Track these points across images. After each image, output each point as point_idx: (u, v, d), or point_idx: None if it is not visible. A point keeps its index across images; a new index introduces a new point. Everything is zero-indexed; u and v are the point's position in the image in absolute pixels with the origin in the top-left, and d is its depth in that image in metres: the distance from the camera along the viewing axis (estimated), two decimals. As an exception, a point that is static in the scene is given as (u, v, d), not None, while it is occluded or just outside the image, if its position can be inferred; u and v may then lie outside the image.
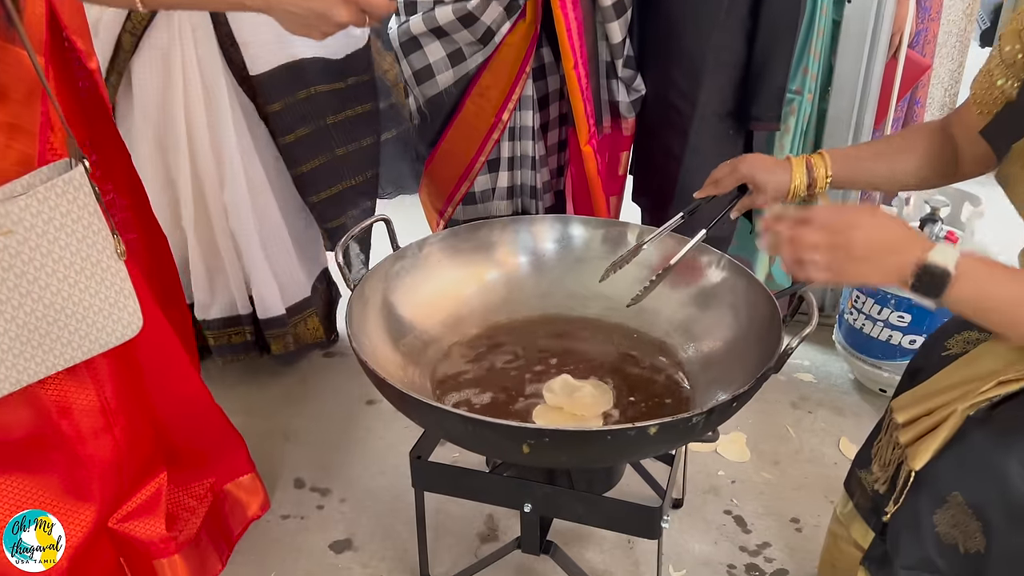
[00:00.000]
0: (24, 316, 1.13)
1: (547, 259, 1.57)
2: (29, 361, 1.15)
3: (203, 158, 1.77)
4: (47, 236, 1.13)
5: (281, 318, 1.97)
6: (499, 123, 1.88)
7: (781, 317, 1.28)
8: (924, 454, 1.07)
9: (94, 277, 1.19)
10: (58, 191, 1.13)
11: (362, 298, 1.36)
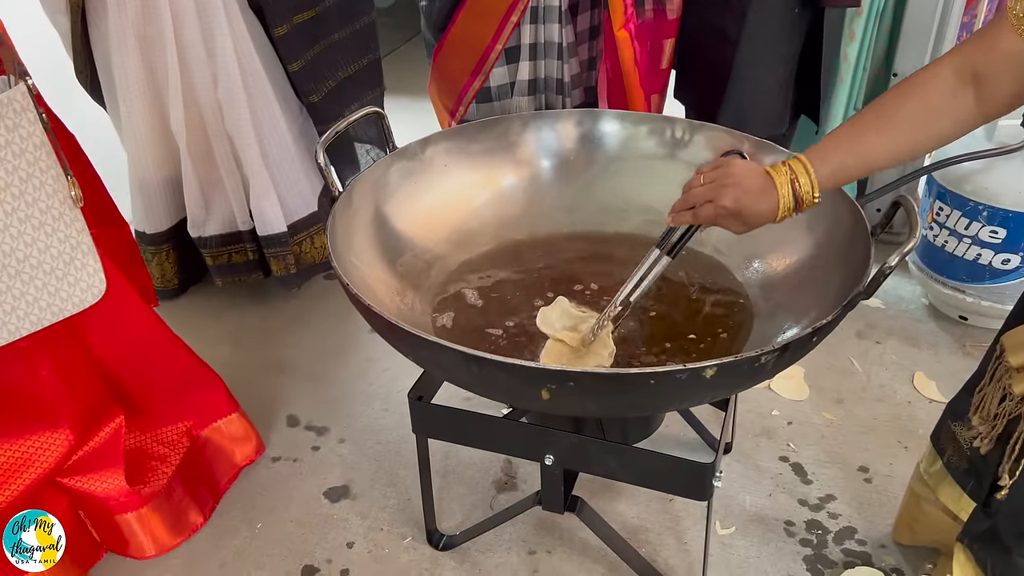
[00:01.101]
0: None
1: (574, 163, 1.31)
2: None
3: (193, 50, 1.56)
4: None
5: (282, 235, 1.74)
6: (519, 1, 1.58)
7: (869, 230, 1.02)
8: None
9: (43, 227, 0.98)
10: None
11: (349, 208, 1.12)
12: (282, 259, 1.77)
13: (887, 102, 0.91)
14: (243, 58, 1.59)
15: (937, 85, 0.89)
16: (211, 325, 1.82)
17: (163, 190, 1.75)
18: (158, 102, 1.62)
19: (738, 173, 0.94)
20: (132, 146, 1.67)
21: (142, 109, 1.61)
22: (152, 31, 1.54)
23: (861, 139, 0.91)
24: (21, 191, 0.96)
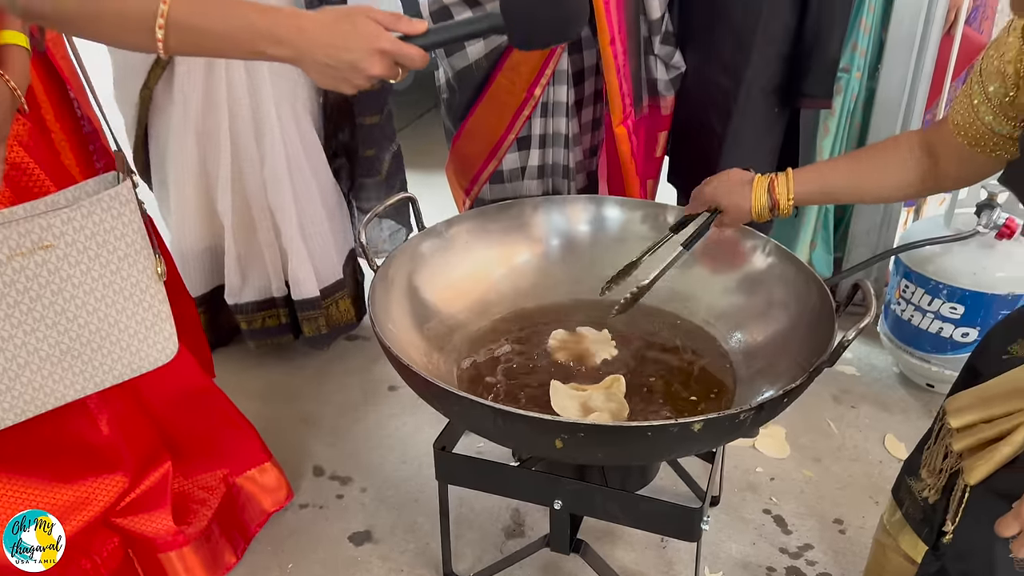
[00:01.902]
0: (57, 336, 1.08)
1: (580, 242, 1.49)
2: (58, 383, 1.11)
3: (244, 137, 1.76)
4: (88, 252, 1.08)
5: (316, 299, 1.92)
6: (531, 98, 1.79)
7: (834, 307, 1.19)
8: (983, 468, 0.97)
9: (132, 298, 1.14)
10: (104, 206, 1.08)
11: (386, 280, 1.29)
12: (314, 321, 1.94)
13: (858, 152, 1.14)
14: (288, 143, 1.79)
15: (899, 151, 1.12)
16: (240, 383, 1.97)
17: (201, 259, 1.93)
18: (206, 184, 1.82)
19: (731, 173, 1.23)
20: (178, 221, 1.86)
21: (193, 191, 1.81)
22: (210, 124, 1.75)
23: (831, 172, 1.15)
24: (119, 267, 1.12)
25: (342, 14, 0.92)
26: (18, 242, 1.02)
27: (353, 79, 0.92)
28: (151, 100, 1.75)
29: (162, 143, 1.81)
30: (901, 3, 1.84)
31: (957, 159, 1.07)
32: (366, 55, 0.90)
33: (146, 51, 0.91)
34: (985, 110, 1.00)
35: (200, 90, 1.72)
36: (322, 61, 0.90)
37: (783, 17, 1.68)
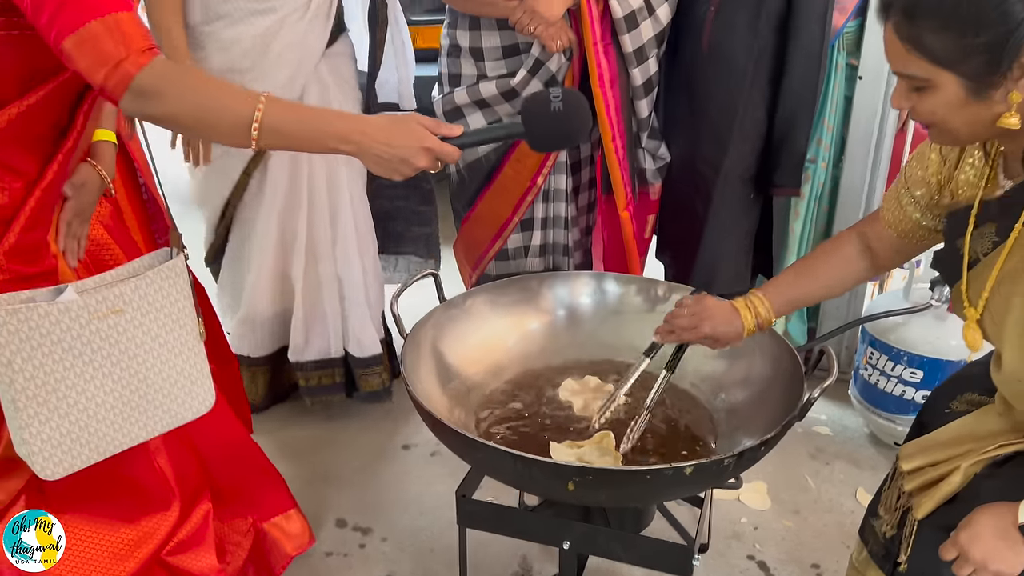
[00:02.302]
0: (121, 388, 1.24)
1: (583, 312, 1.69)
2: (117, 432, 1.25)
3: (319, 215, 2.00)
4: (149, 315, 1.26)
5: (378, 356, 2.13)
6: (534, 186, 2.01)
7: (803, 370, 1.39)
8: (928, 504, 1.16)
9: (181, 355, 1.31)
10: (163, 276, 1.27)
11: (415, 345, 1.48)
12: (377, 376, 2.15)
13: (809, 260, 1.38)
14: (358, 224, 2.03)
15: (842, 252, 1.35)
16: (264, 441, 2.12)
17: (272, 323, 2.12)
18: (283, 257, 2.03)
19: (711, 307, 1.35)
20: (253, 290, 2.06)
21: (271, 263, 2.03)
22: (292, 205, 1.99)
23: (795, 285, 1.36)
24: (171, 328, 1.30)
25: (396, 119, 1.15)
26: (96, 307, 1.19)
27: (402, 169, 1.14)
28: (247, 184, 1.98)
29: (248, 221, 2.03)
30: (859, 105, 2.10)
31: (891, 249, 1.30)
32: (414, 152, 1.12)
33: (240, 147, 1.13)
34: (913, 209, 1.23)
35: (287, 175, 1.95)
36: (379, 155, 1.12)
37: (755, 117, 1.94)
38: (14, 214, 1.18)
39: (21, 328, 1.12)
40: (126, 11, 1.05)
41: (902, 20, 0.98)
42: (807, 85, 1.90)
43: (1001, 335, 1.06)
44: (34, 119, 1.16)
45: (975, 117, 0.99)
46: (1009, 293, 1.04)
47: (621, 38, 1.85)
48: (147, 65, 1.04)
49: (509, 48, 1.90)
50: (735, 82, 1.90)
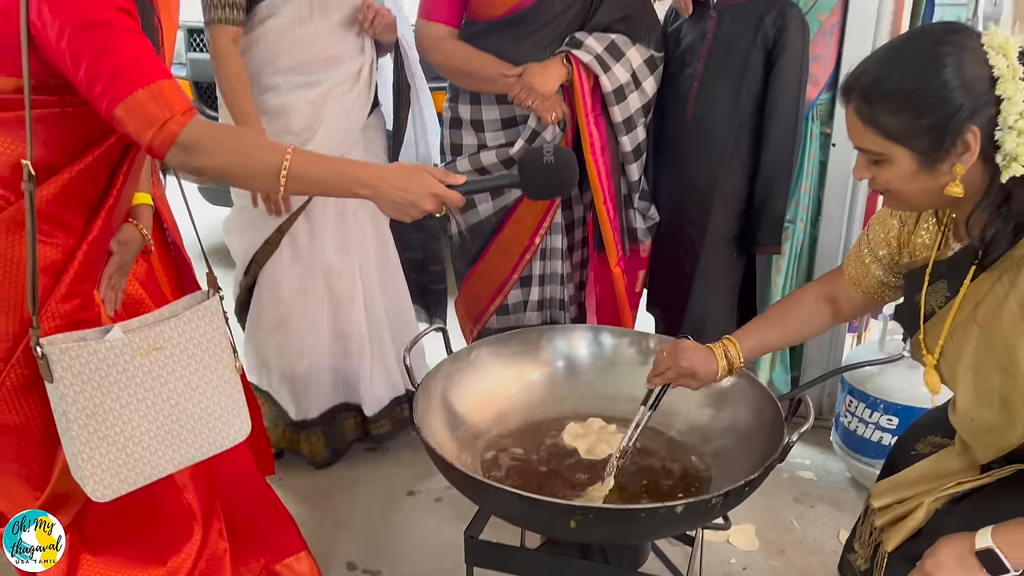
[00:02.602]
0: (163, 419, 1.36)
1: (580, 363, 1.81)
2: (160, 458, 1.37)
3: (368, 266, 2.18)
4: (187, 352, 1.39)
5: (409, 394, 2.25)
6: (532, 245, 2.15)
7: (783, 416, 1.51)
8: (896, 537, 1.28)
9: (218, 388, 1.44)
10: (199, 315, 1.40)
11: (426, 395, 1.60)
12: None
13: (775, 310, 1.53)
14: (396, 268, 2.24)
15: (805, 304, 1.50)
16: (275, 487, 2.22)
17: (322, 380, 2.20)
18: (335, 312, 2.15)
19: (688, 347, 1.49)
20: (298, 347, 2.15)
21: (326, 319, 2.15)
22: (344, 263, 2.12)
23: (763, 330, 1.51)
24: (208, 364, 1.42)
25: (409, 169, 1.33)
26: (139, 345, 1.32)
27: (412, 212, 1.32)
28: (279, 242, 2.09)
29: (283, 282, 2.14)
30: (833, 169, 2.27)
31: (852, 303, 1.45)
32: (423, 196, 1.30)
33: (270, 192, 1.28)
34: (876, 268, 1.37)
35: (334, 232, 2.08)
36: (393, 199, 1.30)
37: (736, 184, 2.09)
38: (65, 266, 1.31)
39: (73, 364, 1.25)
40: (167, 79, 1.20)
41: (861, 103, 1.14)
42: (784, 154, 2.06)
43: (955, 378, 1.19)
44: (83, 182, 1.30)
45: (925, 186, 1.14)
46: (960, 341, 1.18)
47: (611, 109, 2.02)
48: (188, 124, 1.19)
49: (508, 120, 2.07)
50: (717, 152, 2.06)
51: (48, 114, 1.24)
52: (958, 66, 1.06)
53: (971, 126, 1.06)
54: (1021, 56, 1.06)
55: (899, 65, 1.10)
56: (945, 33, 1.09)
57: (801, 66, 1.99)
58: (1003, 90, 1.04)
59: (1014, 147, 1.05)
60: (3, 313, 1.26)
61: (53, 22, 1.16)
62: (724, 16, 2.03)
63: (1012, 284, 1.09)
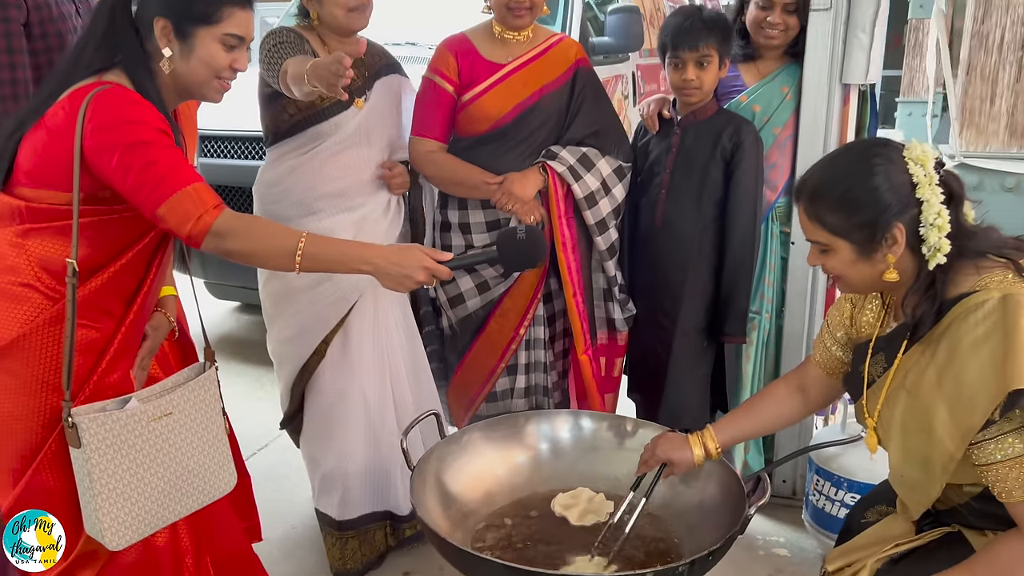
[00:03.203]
0: (169, 474, 1.54)
1: (563, 445, 1.97)
2: (166, 509, 1.54)
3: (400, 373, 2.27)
4: (191, 416, 1.58)
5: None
6: (517, 336, 2.33)
7: (745, 493, 1.67)
8: None
9: (213, 445, 1.63)
10: (200, 384, 1.61)
11: (421, 476, 1.75)
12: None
13: (751, 401, 1.72)
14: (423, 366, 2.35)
15: (777, 395, 1.68)
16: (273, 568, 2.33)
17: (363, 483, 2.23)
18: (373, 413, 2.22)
19: (669, 438, 1.69)
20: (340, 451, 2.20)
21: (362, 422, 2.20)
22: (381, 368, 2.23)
23: (738, 421, 1.69)
24: (206, 426, 1.61)
25: (403, 247, 1.62)
26: (152, 412, 1.51)
27: (407, 283, 1.57)
28: (325, 352, 2.18)
29: (331, 390, 2.21)
30: (793, 265, 2.47)
31: (819, 386, 1.63)
32: (416, 269, 1.56)
33: (287, 270, 1.49)
34: (836, 349, 1.56)
35: (370, 341, 2.19)
36: (390, 272, 1.55)
37: (703, 278, 2.30)
38: (106, 347, 1.52)
39: (99, 431, 1.43)
40: (199, 181, 1.45)
41: (808, 204, 1.36)
42: (745, 253, 2.27)
43: (888, 439, 1.37)
44: (124, 275, 1.53)
45: (865, 272, 1.35)
46: (892, 406, 1.36)
47: (583, 213, 2.24)
48: (220, 215, 1.44)
49: (492, 223, 2.28)
50: (685, 250, 2.28)
51: (97, 220, 1.47)
52: (886, 174, 1.29)
53: (897, 223, 1.28)
54: (937, 165, 1.29)
55: (838, 172, 1.35)
56: (875, 146, 1.35)
57: (756, 175, 2.22)
58: (922, 194, 1.27)
59: (936, 240, 1.27)
60: (54, 389, 1.46)
61: (105, 144, 1.40)
62: (687, 132, 2.28)
63: (932, 356, 1.28)
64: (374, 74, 2.20)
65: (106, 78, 1.45)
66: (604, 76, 4.12)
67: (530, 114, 2.22)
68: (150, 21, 1.46)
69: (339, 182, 2.13)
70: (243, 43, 1.52)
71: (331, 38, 2.12)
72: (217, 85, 1.52)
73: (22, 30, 1.93)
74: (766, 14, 2.29)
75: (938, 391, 1.26)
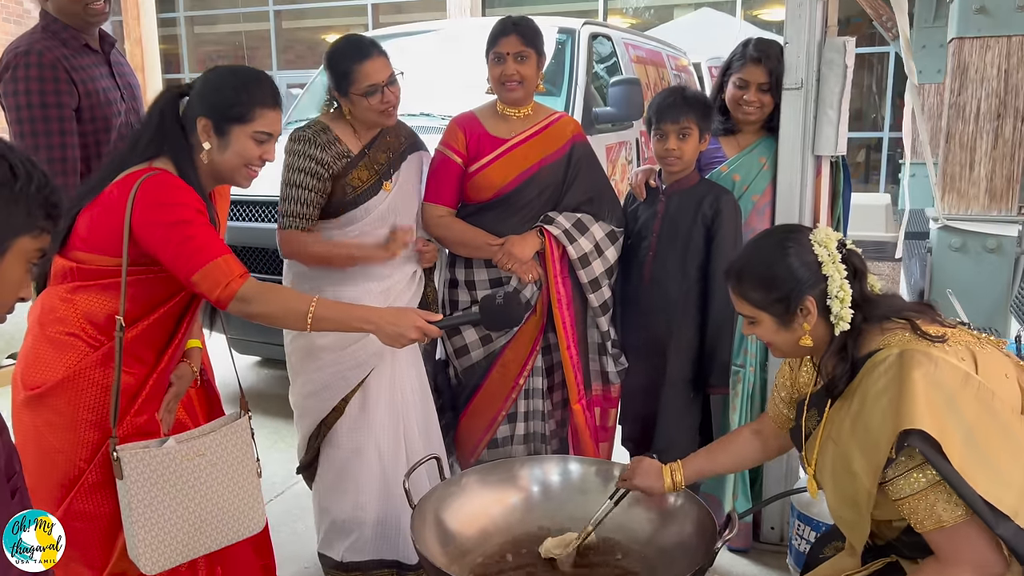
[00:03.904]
0: (200, 510, 1.74)
1: (553, 488, 2.13)
2: (196, 541, 1.73)
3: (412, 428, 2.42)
4: (222, 459, 1.78)
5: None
6: (517, 386, 2.51)
7: (716, 531, 1.82)
8: None
9: (243, 488, 1.82)
10: (233, 431, 1.80)
11: (422, 515, 1.92)
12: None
13: (716, 443, 1.92)
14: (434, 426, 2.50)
15: (739, 439, 1.88)
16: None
17: (375, 531, 2.40)
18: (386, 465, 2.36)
19: (645, 464, 1.89)
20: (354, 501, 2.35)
21: (376, 473, 2.35)
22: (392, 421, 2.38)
23: (705, 456, 1.89)
24: (237, 468, 1.80)
25: (399, 310, 1.89)
26: (187, 452, 1.72)
27: (401, 340, 1.82)
28: (343, 410, 2.34)
29: (348, 445, 2.36)
30: (774, 321, 2.65)
31: (773, 437, 1.82)
32: (409, 328, 1.80)
33: (300, 330, 1.75)
34: (783, 406, 1.74)
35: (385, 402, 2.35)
36: (387, 331, 1.80)
37: (688, 334, 2.47)
38: (139, 391, 1.73)
39: (139, 465, 1.64)
40: (228, 253, 1.69)
41: (736, 283, 1.57)
42: (726, 310, 2.44)
43: (823, 482, 1.55)
44: (157, 328, 1.76)
45: (787, 339, 1.55)
46: (823, 455, 1.54)
47: (577, 273, 2.44)
48: (244, 284, 1.68)
49: (495, 280, 2.48)
50: (671, 307, 2.46)
51: (136, 280, 1.70)
52: (797, 254, 1.50)
53: (808, 296, 1.48)
54: (839, 246, 1.49)
55: (757, 255, 1.57)
56: (788, 232, 1.59)
57: (735, 240, 2.41)
58: (827, 270, 1.47)
59: (839, 310, 1.47)
60: (93, 426, 1.67)
61: (151, 220, 1.64)
62: (672, 200, 2.49)
63: (849, 408, 1.46)
64: (399, 155, 2.40)
65: (155, 164, 1.71)
66: (609, 142, 4.39)
67: (530, 184, 2.45)
68: (194, 120, 1.73)
69: None
70: (271, 138, 1.77)
71: (361, 128, 2.33)
72: (246, 173, 1.78)
73: (74, 115, 2.20)
74: (742, 93, 2.52)
75: (852, 436, 1.44)
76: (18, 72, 2.17)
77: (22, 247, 1.16)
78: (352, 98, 2.25)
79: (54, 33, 2.29)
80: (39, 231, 1.17)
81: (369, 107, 2.24)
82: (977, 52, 3.36)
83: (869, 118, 11.25)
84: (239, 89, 1.74)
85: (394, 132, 2.41)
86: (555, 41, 4.34)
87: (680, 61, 6.28)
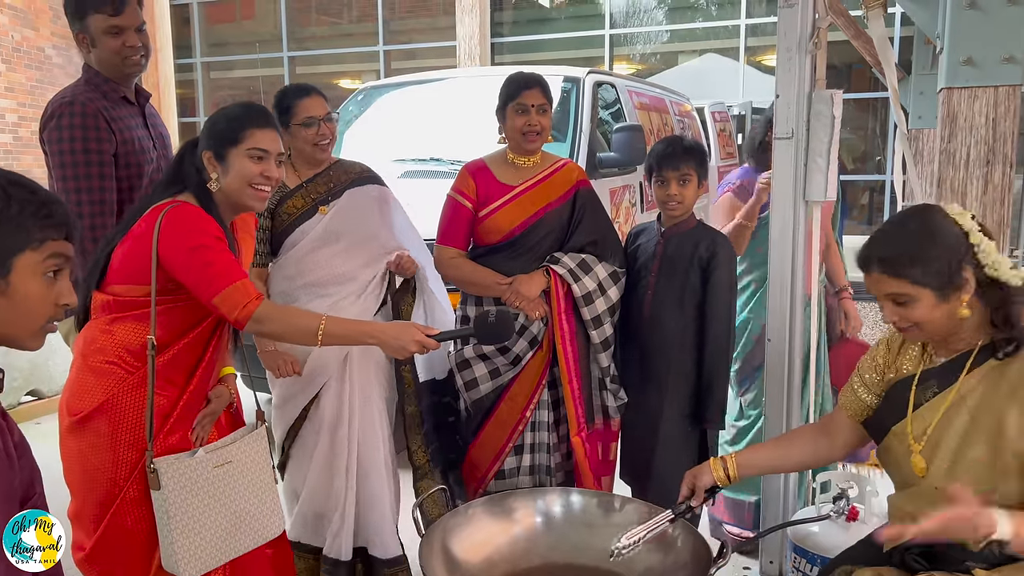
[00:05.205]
0: (230, 514, 1.86)
1: (556, 520, 2.22)
2: (227, 545, 1.85)
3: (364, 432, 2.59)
4: (244, 465, 1.92)
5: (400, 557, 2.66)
6: (524, 419, 2.61)
7: (711, 558, 1.90)
8: None
9: (264, 492, 1.96)
10: (253, 439, 1.96)
11: (429, 544, 2.00)
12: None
13: (778, 438, 2.04)
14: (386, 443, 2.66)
15: (807, 435, 1.97)
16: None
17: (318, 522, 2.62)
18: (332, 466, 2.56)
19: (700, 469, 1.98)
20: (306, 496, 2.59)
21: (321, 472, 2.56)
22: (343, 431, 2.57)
23: (761, 453, 1.99)
24: (258, 474, 1.93)
25: (402, 324, 2.07)
26: (215, 461, 1.86)
27: (403, 352, 1.98)
28: (306, 415, 2.58)
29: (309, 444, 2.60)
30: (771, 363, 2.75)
31: (846, 432, 1.88)
32: (410, 342, 1.96)
33: (311, 346, 1.91)
34: (864, 392, 1.84)
35: (334, 409, 2.54)
36: (390, 344, 1.96)
37: (685, 370, 2.57)
38: (171, 411, 1.87)
39: (174, 475, 1.78)
40: (245, 278, 1.84)
41: (886, 266, 1.63)
42: (722, 347, 2.55)
43: (935, 455, 1.63)
44: (186, 352, 1.90)
45: (945, 312, 1.62)
46: (946, 425, 1.63)
47: (581, 310, 2.55)
48: (260, 305, 1.83)
49: (503, 318, 2.60)
50: (668, 344, 2.57)
51: (166, 308, 1.85)
52: (947, 228, 1.61)
53: (965, 265, 1.59)
54: (971, 217, 1.62)
55: (904, 234, 1.65)
56: (926, 210, 1.68)
57: (730, 281, 2.53)
58: (975, 240, 1.59)
59: (1004, 268, 1.58)
60: (130, 446, 1.81)
61: (174, 247, 1.79)
62: (670, 242, 2.61)
63: (1001, 375, 1.58)
64: (342, 186, 2.62)
65: (179, 199, 1.87)
66: (614, 186, 4.54)
67: (537, 227, 2.58)
68: (202, 157, 1.90)
69: (312, 274, 2.55)
70: (268, 155, 1.93)
71: (302, 165, 2.59)
72: (252, 192, 1.93)
73: (112, 160, 2.35)
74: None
75: (1012, 399, 1.55)
76: (63, 120, 2.34)
77: (27, 262, 1.19)
78: (292, 129, 2.50)
79: (96, 86, 2.46)
80: (38, 242, 1.20)
81: (306, 138, 2.50)
82: (965, 101, 3.49)
83: (873, 161, 11.38)
84: (230, 117, 1.92)
85: (343, 170, 2.66)
86: (560, 89, 4.52)
87: (683, 107, 6.46)
